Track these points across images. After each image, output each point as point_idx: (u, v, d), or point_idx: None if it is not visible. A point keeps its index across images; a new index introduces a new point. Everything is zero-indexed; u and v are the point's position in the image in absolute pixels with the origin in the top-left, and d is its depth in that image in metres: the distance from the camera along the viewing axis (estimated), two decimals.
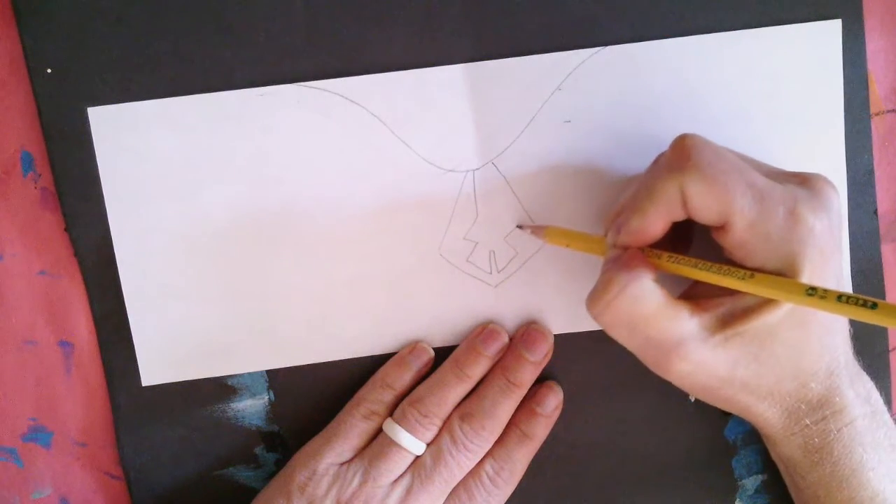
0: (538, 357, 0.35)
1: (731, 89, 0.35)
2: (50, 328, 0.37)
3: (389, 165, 0.36)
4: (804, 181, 0.29)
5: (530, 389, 0.36)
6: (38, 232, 0.37)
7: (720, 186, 0.27)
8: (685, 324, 0.29)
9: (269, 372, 0.37)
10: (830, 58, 0.35)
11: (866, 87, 0.35)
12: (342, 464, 0.34)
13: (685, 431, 0.37)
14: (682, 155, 0.28)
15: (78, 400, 0.37)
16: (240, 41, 0.35)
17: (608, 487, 0.38)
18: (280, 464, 0.37)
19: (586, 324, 0.36)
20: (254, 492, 0.36)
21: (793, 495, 0.35)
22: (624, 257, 0.29)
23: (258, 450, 0.38)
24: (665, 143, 0.33)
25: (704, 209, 0.28)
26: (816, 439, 0.31)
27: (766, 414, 0.31)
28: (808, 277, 0.27)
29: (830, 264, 0.28)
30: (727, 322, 0.29)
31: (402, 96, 0.35)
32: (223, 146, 0.36)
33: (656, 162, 0.32)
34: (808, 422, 0.30)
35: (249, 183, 0.36)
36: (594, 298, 0.29)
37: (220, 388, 0.37)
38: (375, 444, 0.35)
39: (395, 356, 0.36)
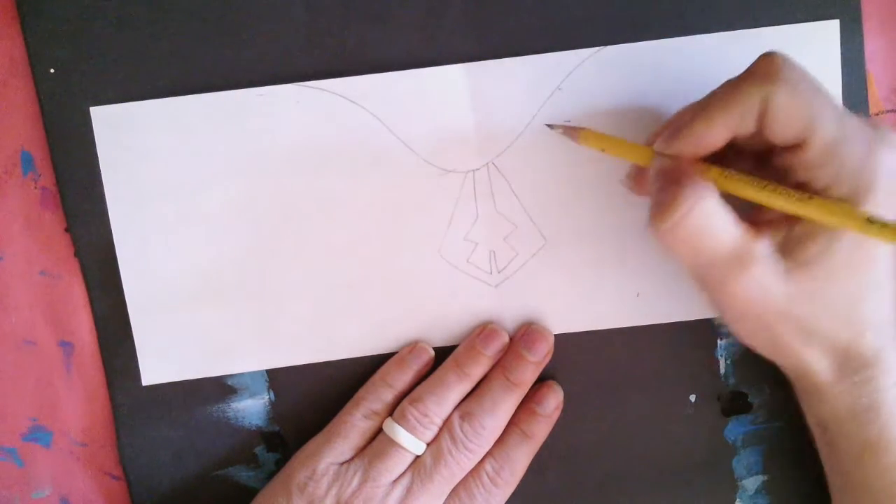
0: (538, 357, 0.35)
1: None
2: (50, 328, 0.37)
3: (389, 165, 0.36)
4: (872, 123, 0.29)
5: (530, 389, 0.36)
6: (38, 232, 0.37)
7: (807, 102, 0.27)
8: (754, 244, 0.28)
9: (269, 372, 0.37)
10: (828, 58, 0.35)
11: (865, 88, 0.35)
12: (342, 463, 0.34)
13: (685, 431, 0.37)
14: (771, 66, 0.28)
15: (78, 400, 0.37)
16: (241, 41, 0.35)
17: (608, 487, 0.38)
18: (280, 464, 0.37)
19: (586, 324, 0.37)
20: (254, 492, 0.36)
21: (826, 459, 0.33)
22: (680, 168, 0.28)
23: (258, 450, 0.38)
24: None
25: (787, 123, 0.27)
26: (864, 398, 0.30)
27: (816, 364, 0.30)
28: (872, 209, 0.27)
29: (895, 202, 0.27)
30: (787, 250, 0.28)
31: (402, 96, 0.35)
32: (224, 146, 0.36)
33: (728, 82, 0.30)
34: (857, 379, 0.29)
35: (250, 182, 0.36)
36: (660, 216, 0.28)
37: (220, 388, 0.37)
38: (375, 443, 0.35)
39: (395, 356, 0.36)
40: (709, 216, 0.27)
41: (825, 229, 0.28)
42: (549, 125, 0.35)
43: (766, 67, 0.28)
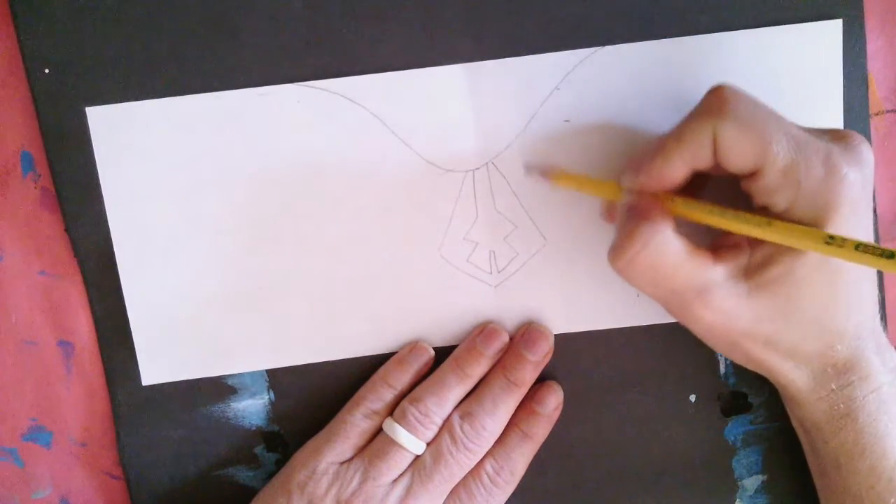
0: (538, 357, 0.35)
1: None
2: (50, 328, 0.37)
3: (389, 165, 0.36)
4: (839, 137, 0.29)
5: (530, 389, 0.36)
6: (38, 232, 0.37)
7: (757, 132, 0.27)
8: (709, 272, 0.29)
9: (269, 372, 0.37)
10: (831, 58, 0.35)
11: (866, 87, 0.35)
12: (342, 463, 0.34)
13: (685, 431, 0.37)
14: (718, 101, 0.28)
15: (78, 400, 0.37)
16: (239, 41, 0.35)
17: (608, 487, 0.38)
18: (280, 464, 0.37)
19: (586, 324, 0.36)
20: (254, 492, 0.36)
21: (810, 462, 0.34)
22: (641, 204, 0.29)
23: (258, 450, 0.38)
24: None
25: (738, 155, 0.28)
26: (842, 405, 0.30)
27: (792, 375, 0.31)
28: (835, 228, 0.27)
29: (860, 218, 0.28)
30: (750, 272, 0.29)
31: (402, 96, 0.35)
32: (223, 146, 0.36)
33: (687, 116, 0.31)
34: (834, 386, 0.30)
35: (249, 182, 0.36)
36: (617, 253, 0.29)
37: (220, 388, 0.37)
38: (375, 443, 0.35)
39: (396, 356, 0.36)
40: (662, 252, 0.28)
41: (788, 250, 0.28)
42: (525, 167, 0.35)
43: (713, 102, 0.29)
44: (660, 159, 0.29)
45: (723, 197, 0.30)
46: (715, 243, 0.31)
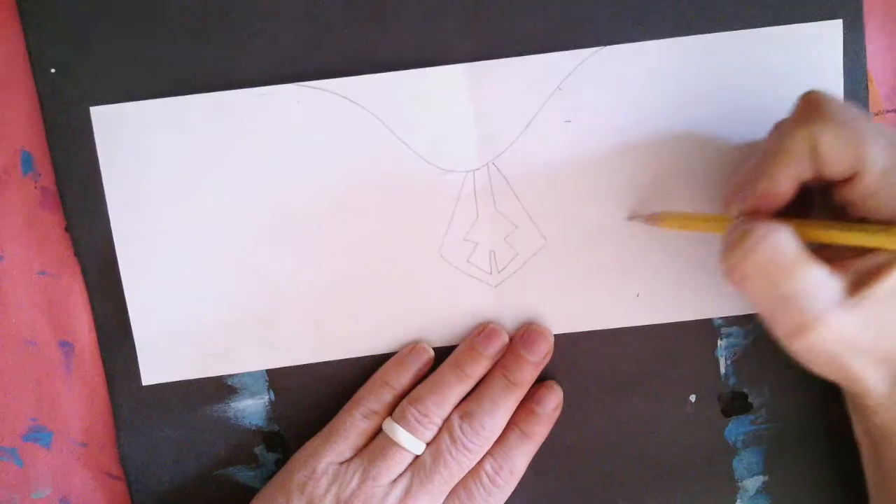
0: (538, 357, 0.35)
1: (731, 89, 0.35)
2: (50, 328, 0.37)
3: (389, 165, 0.36)
4: None
5: (530, 389, 0.36)
6: (38, 232, 0.37)
7: (853, 134, 0.27)
8: (827, 283, 0.28)
9: (269, 372, 0.37)
10: (831, 58, 0.35)
11: (866, 87, 0.35)
12: (342, 463, 0.34)
13: (685, 432, 0.37)
14: (811, 108, 0.28)
15: (78, 400, 0.37)
16: (241, 41, 0.35)
17: (608, 487, 0.38)
18: (280, 464, 0.37)
19: (586, 324, 0.36)
20: (254, 492, 0.36)
21: (870, 474, 0.33)
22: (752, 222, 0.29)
23: (258, 450, 0.38)
24: (664, 142, 0.33)
25: (837, 159, 0.27)
26: None
27: (873, 380, 0.29)
28: None
29: None
30: (860, 283, 0.28)
31: (402, 96, 0.35)
32: (224, 146, 0.36)
33: (776, 128, 0.31)
34: None
35: (250, 182, 0.36)
36: (731, 247, 0.28)
37: (220, 388, 0.37)
38: (375, 443, 0.35)
39: (395, 356, 0.36)
40: (781, 246, 0.27)
41: (892, 255, 0.28)
42: (629, 218, 0.35)
43: (806, 109, 0.28)
44: (764, 180, 0.29)
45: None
46: (825, 256, 0.29)
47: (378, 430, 0.35)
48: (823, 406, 0.37)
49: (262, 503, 0.35)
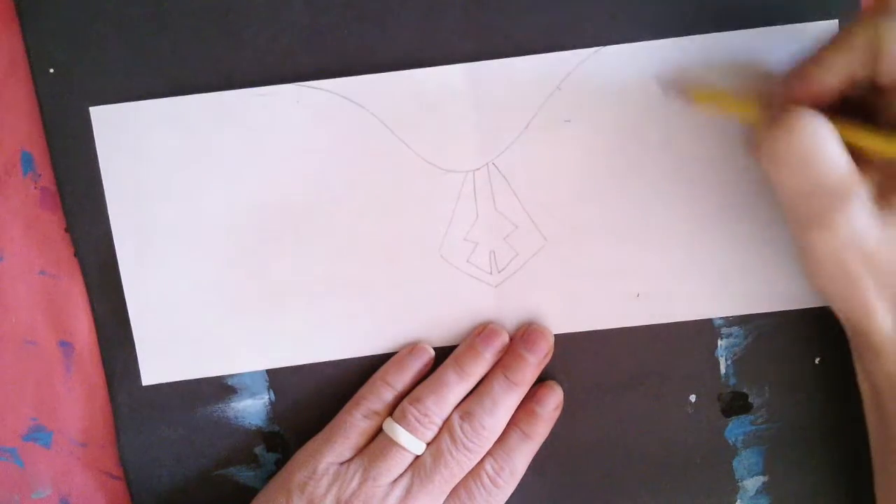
0: (538, 357, 0.35)
1: (731, 89, 0.35)
2: (50, 328, 0.37)
3: (389, 166, 0.36)
4: None
5: (530, 389, 0.36)
6: (38, 232, 0.37)
7: None
8: (857, 179, 0.27)
9: (269, 372, 0.37)
10: None
11: None
12: (342, 463, 0.34)
13: (685, 432, 0.37)
14: (882, 3, 0.27)
15: (78, 400, 0.37)
16: (240, 41, 0.35)
17: (608, 487, 0.38)
18: (280, 464, 0.37)
19: (586, 324, 0.36)
20: (254, 492, 0.36)
21: (871, 422, 0.33)
22: (798, 97, 0.28)
23: (258, 450, 0.38)
24: (664, 143, 0.33)
25: None
26: None
27: (881, 318, 0.29)
28: None
29: None
30: (883, 196, 0.27)
31: (402, 96, 0.35)
32: (224, 146, 0.36)
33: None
34: None
35: (250, 182, 0.36)
36: (772, 125, 0.27)
37: (220, 388, 0.37)
38: (375, 443, 0.35)
39: (395, 356, 0.36)
40: (821, 137, 0.27)
41: None
42: (659, 84, 0.34)
43: (879, 4, 0.27)
44: (814, 64, 0.28)
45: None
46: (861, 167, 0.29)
47: (378, 431, 0.35)
48: (823, 406, 0.37)
49: (262, 503, 0.35)
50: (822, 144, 0.27)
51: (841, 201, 0.27)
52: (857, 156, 0.28)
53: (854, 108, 0.29)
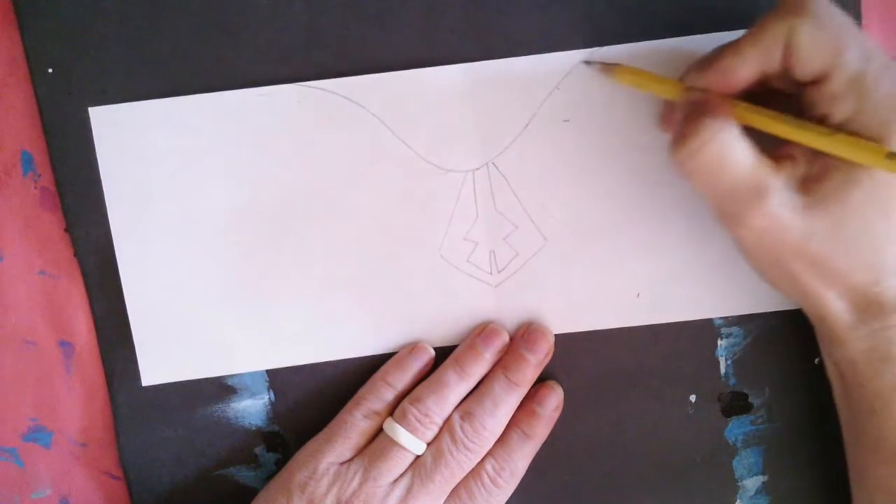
0: (539, 357, 0.35)
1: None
2: (50, 328, 0.37)
3: (389, 165, 0.36)
4: None
5: (530, 389, 0.36)
6: (38, 232, 0.37)
7: (832, 34, 0.27)
8: (770, 176, 0.28)
9: (269, 372, 0.37)
10: None
11: None
12: (342, 463, 0.34)
13: (685, 432, 0.37)
14: (797, 1, 0.28)
15: (78, 400, 0.37)
16: (240, 41, 0.35)
17: (608, 487, 0.38)
18: (280, 464, 0.37)
19: (586, 324, 0.36)
20: (254, 492, 0.36)
21: (840, 407, 0.33)
22: (708, 100, 0.29)
23: (258, 450, 0.38)
24: (664, 142, 0.33)
25: (810, 57, 0.27)
26: (882, 347, 0.29)
27: (835, 306, 0.30)
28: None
29: None
30: (806, 185, 0.28)
31: (402, 96, 0.35)
32: (224, 146, 0.36)
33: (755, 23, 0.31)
34: (877, 326, 0.29)
35: (250, 183, 0.36)
36: (681, 143, 0.29)
37: (220, 388, 0.37)
38: (376, 443, 0.35)
39: (396, 356, 0.36)
40: (728, 145, 0.28)
41: (846, 166, 0.28)
42: (585, 62, 0.35)
43: (792, 1, 0.28)
44: (730, 54, 0.29)
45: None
46: (772, 154, 0.30)
47: (379, 431, 0.35)
48: (823, 406, 0.37)
49: (262, 503, 0.35)
50: (730, 150, 0.28)
51: (755, 200, 0.28)
52: (780, 145, 0.29)
53: (783, 99, 0.30)
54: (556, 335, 0.36)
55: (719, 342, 0.37)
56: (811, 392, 0.37)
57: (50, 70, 0.35)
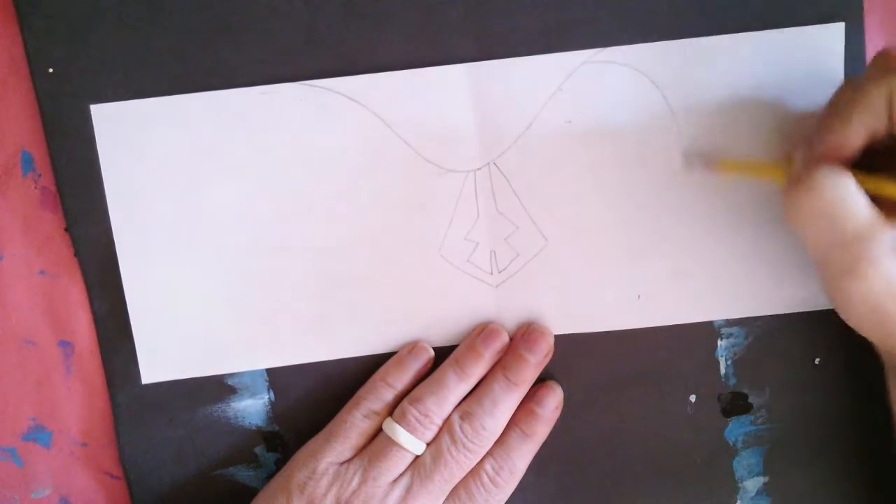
0: (538, 357, 0.35)
1: (732, 91, 0.35)
2: (50, 328, 0.37)
3: (390, 165, 0.36)
4: None
5: (530, 389, 0.36)
6: (38, 232, 0.37)
7: None
8: (884, 227, 0.28)
9: (269, 371, 0.37)
10: (832, 60, 0.35)
11: None
12: (342, 463, 0.34)
13: (685, 432, 0.37)
14: (888, 62, 0.28)
15: (78, 400, 0.37)
16: (241, 40, 0.35)
17: (608, 487, 0.38)
18: (280, 464, 0.37)
19: (586, 324, 0.36)
20: (254, 492, 0.36)
21: None
22: (825, 152, 0.29)
23: (258, 450, 0.38)
24: (665, 144, 0.33)
25: None
26: None
27: None
28: None
29: None
30: None
31: (403, 96, 0.35)
32: (225, 144, 0.36)
33: (846, 84, 0.31)
34: None
35: (250, 181, 0.36)
36: (795, 184, 0.28)
37: (220, 388, 0.37)
38: (375, 443, 0.35)
39: (395, 356, 0.36)
40: (847, 191, 0.28)
41: None
42: (684, 158, 0.35)
43: (884, 63, 0.28)
44: (837, 125, 0.29)
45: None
46: (885, 211, 0.29)
47: (378, 431, 0.35)
48: (823, 406, 0.37)
49: (262, 503, 0.35)
50: (844, 198, 0.28)
51: (868, 250, 0.28)
52: (883, 204, 0.29)
53: (878, 157, 0.30)
54: (555, 336, 0.36)
55: (719, 342, 0.37)
56: (811, 392, 0.37)
57: (50, 70, 0.35)
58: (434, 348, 0.37)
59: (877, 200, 0.29)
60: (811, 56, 0.35)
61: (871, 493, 0.35)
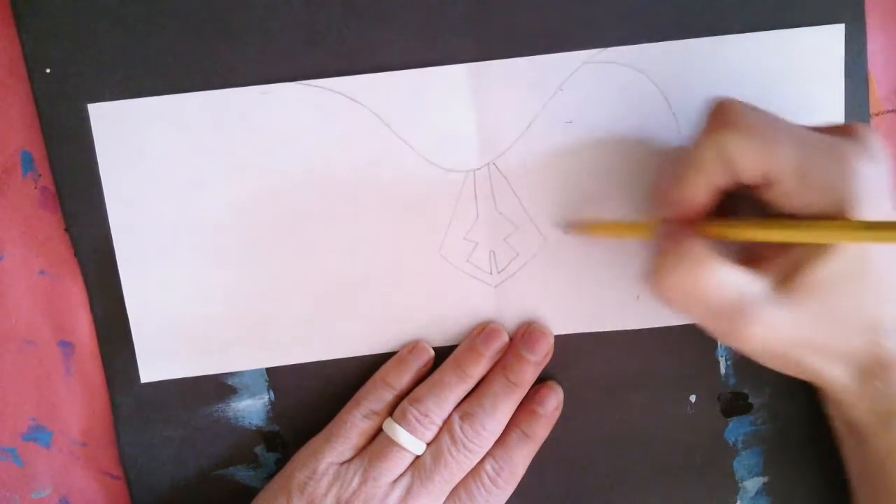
0: (538, 357, 0.35)
1: (733, 92, 0.35)
2: (50, 328, 0.37)
3: (390, 165, 0.36)
4: (846, 131, 0.29)
5: (530, 389, 0.36)
6: (38, 232, 0.37)
7: (761, 139, 0.27)
8: (748, 286, 0.28)
9: (269, 371, 0.37)
10: (832, 61, 0.35)
11: (867, 89, 0.35)
12: (342, 463, 0.34)
13: (685, 432, 0.37)
14: (719, 115, 0.28)
15: (78, 400, 0.37)
16: (240, 40, 0.35)
17: (608, 488, 0.38)
18: (280, 464, 0.37)
19: (586, 324, 0.36)
20: (254, 492, 0.36)
21: (850, 466, 0.34)
22: (672, 230, 0.29)
23: (258, 450, 0.38)
24: (665, 144, 0.33)
25: (748, 165, 0.28)
26: (887, 403, 0.30)
27: (838, 377, 0.30)
28: (862, 216, 0.27)
29: (882, 206, 0.28)
30: (783, 282, 0.28)
31: (403, 96, 0.35)
32: (224, 144, 0.36)
33: (691, 137, 0.31)
34: (878, 383, 0.30)
35: (250, 181, 0.36)
36: (653, 277, 0.29)
37: (220, 388, 0.37)
38: (375, 443, 0.35)
39: (396, 356, 0.36)
40: (696, 265, 0.28)
41: (816, 249, 0.28)
42: (563, 227, 0.36)
43: (714, 118, 0.29)
44: (677, 187, 0.29)
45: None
46: (751, 255, 0.30)
47: (378, 431, 0.35)
48: (823, 406, 0.37)
49: (262, 503, 0.35)
50: (707, 274, 0.28)
51: (742, 314, 0.28)
52: (757, 247, 0.30)
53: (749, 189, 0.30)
54: (556, 335, 0.36)
55: (719, 342, 0.37)
56: (811, 392, 0.37)
57: (48, 70, 0.35)
58: (434, 348, 0.37)
59: (749, 245, 0.29)
60: (811, 57, 0.35)
61: None
